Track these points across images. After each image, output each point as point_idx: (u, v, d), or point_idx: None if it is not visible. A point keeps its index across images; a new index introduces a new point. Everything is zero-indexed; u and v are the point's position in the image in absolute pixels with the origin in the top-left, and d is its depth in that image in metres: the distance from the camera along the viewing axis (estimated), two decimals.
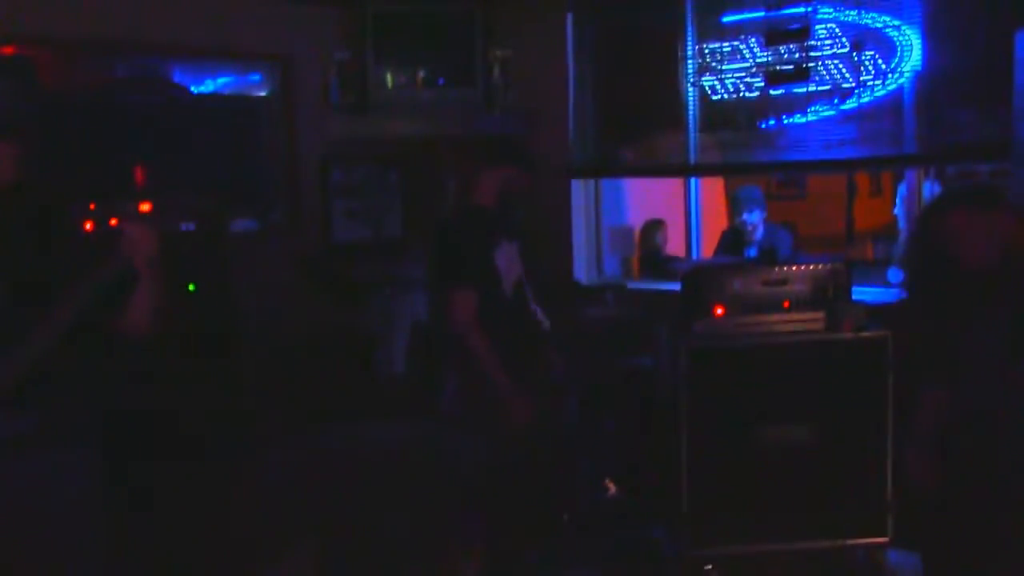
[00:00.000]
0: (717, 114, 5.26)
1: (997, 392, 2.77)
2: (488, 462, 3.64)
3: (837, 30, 4.74)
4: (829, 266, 3.70)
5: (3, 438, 2.36)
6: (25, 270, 2.39)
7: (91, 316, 2.38)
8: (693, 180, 5.65)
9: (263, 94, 5.49)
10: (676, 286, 3.86)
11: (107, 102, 4.72)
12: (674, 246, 6.37)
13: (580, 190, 5.85)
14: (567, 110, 5.68)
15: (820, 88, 4.81)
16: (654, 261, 6.16)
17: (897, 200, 5.46)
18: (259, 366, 4.57)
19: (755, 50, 5.00)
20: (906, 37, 4.56)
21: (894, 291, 4.79)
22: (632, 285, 5.53)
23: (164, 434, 3.94)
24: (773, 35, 4.88)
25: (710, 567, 3.62)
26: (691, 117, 5.34)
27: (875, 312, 3.68)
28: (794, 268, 3.71)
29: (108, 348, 2.52)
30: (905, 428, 3.30)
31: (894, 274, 4.87)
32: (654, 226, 6.50)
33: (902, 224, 5.37)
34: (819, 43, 4.76)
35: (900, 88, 4.62)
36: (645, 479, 4.25)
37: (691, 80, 5.28)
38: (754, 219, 5.69)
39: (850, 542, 3.65)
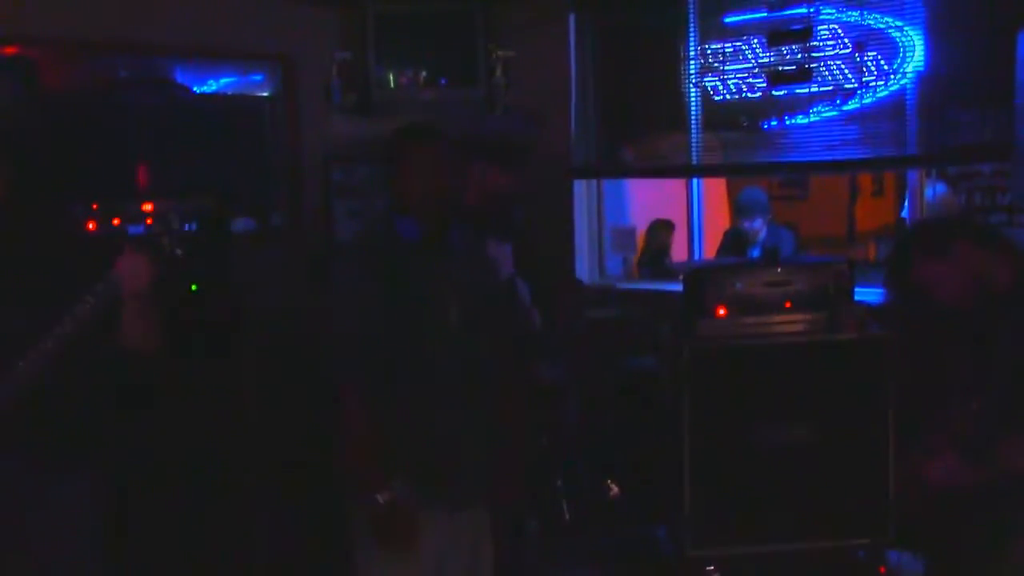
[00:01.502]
0: (719, 115, 5.26)
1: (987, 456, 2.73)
2: None
3: (839, 31, 4.73)
4: (831, 266, 3.69)
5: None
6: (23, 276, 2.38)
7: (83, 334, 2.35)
8: (695, 180, 5.65)
9: (265, 94, 5.48)
10: (678, 286, 3.86)
11: (108, 102, 4.71)
12: (676, 246, 6.37)
13: (582, 190, 5.85)
14: (569, 110, 5.68)
15: (822, 89, 4.81)
16: (656, 261, 6.15)
17: (906, 203, 5.45)
18: (261, 366, 4.56)
19: (757, 51, 4.99)
20: (908, 38, 4.55)
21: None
22: (634, 285, 5.53)
23: (165, 450, 3.94)
24: (775, 36, 4.87)
25: (711, 567, 3.62)
26: (693, 117, 5.34)
27: (877, 312, 3.67)
28: (796, 268, 3.71)
29: (106, 366, 2.49)
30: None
31: None
32: (662, 226, 6.48)
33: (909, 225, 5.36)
34: (821, 44, 4.75)
35: (902, 89, 4.62)
36: (646, 479, 4.25)
37: (693, 80, 5.28)
38: (756, 225, 5.67)
39: (851, 542, 3.64)
